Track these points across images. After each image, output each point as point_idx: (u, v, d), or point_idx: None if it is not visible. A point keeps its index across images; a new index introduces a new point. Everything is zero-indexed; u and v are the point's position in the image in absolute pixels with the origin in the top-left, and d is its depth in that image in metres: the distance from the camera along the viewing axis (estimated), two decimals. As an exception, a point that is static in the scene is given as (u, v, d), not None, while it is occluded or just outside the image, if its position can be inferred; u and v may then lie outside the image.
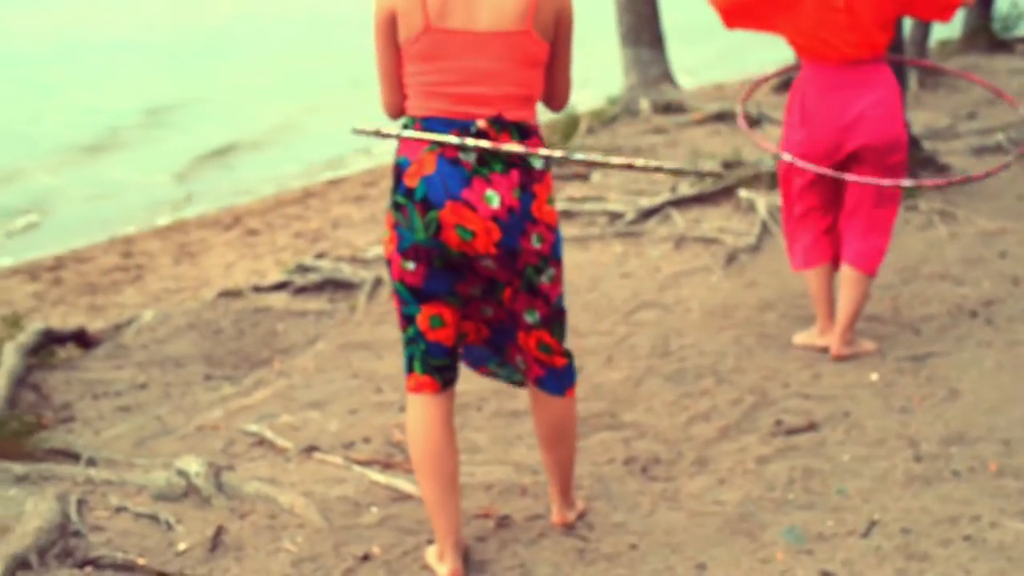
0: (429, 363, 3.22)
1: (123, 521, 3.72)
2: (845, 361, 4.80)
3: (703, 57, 18.71)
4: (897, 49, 6.75)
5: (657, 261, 6.54)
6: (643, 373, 4.86)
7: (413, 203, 3.05)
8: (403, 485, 3.90)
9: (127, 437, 4.77)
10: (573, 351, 3.76)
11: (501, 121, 3.06)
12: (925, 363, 4.73)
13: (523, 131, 3.10)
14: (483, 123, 3.04)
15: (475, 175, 3.02)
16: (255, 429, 4.61)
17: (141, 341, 6.08)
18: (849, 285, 4.80)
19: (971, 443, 3.98)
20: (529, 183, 3.08)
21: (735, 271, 6.20)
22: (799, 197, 4.88)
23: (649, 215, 7.40)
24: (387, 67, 3.15)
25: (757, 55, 16.13)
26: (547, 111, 3.38)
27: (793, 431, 4.19)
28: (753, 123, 10.38)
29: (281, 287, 6.88)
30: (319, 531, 3.60)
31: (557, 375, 3.32)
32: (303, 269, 7.13)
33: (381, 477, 3.99)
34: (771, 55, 12.61)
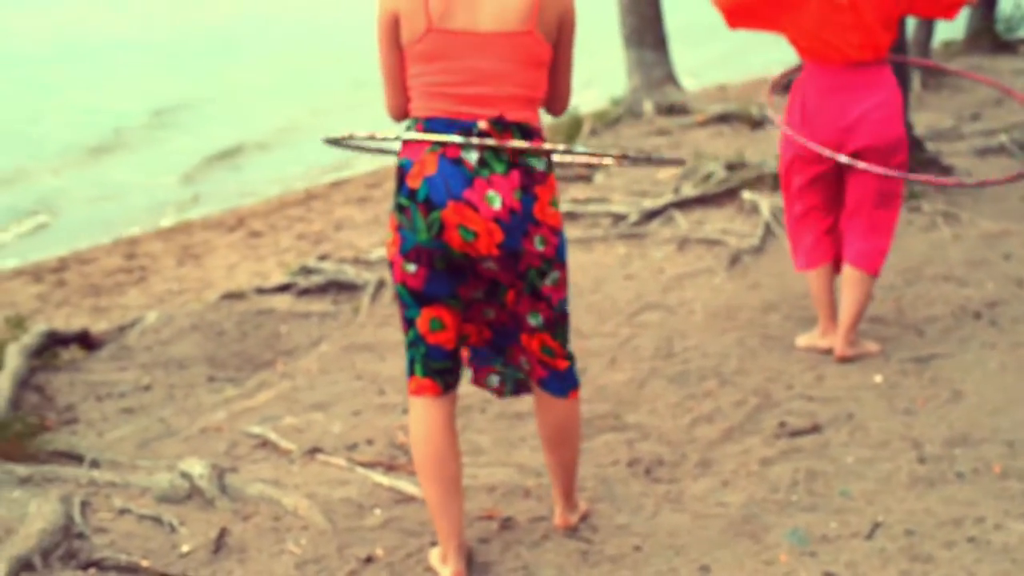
0: (430, 366, 3.22)
1: (127, 523, 3.72)
2: (849, 363, 4.80)
3: (707, 59, 18.72)
4: (900, 50, 6.75)
5: (660, 263, 6.53)
6: (647, 375, 4.86)
7: (416, 204, 3.05)
8: (406, 487, 3.90)
9: (131, 439, 4.77)
10: (576, 353, 3.77)
11: (503, 122, 3.05)
12: (929, 365, 4.72)
13: (525, 132, 3.09)
14: (485, 124, 3.04)
15: (476, 176, 3.02)
16: (258, 431, 4.61)
17: (145, 343, 6.08)
18: (851, 286, 4.79)
19: (975, 445, 3.98)
20: (530, 184, 3.08)
21: (738, 273, 6.19)
22: (799, 196, 4.87)
23: (652, 216, 7.40)
24: (390, 69, 3.15)
25: (761, 57, 16.14)
26: (547, 115, 3.38)
27: (797, 433, 4.19)
28: (756, 125, 10.39)
29: (284, 289, 6.88)
30: (323, 533, 3.60)
31: (560, 377, 3.32)
32: (306, 271, 7.14)
33: (384, 479, 3.99)
34: (775, 56, 12.62)
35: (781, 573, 3.25)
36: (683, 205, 7.54)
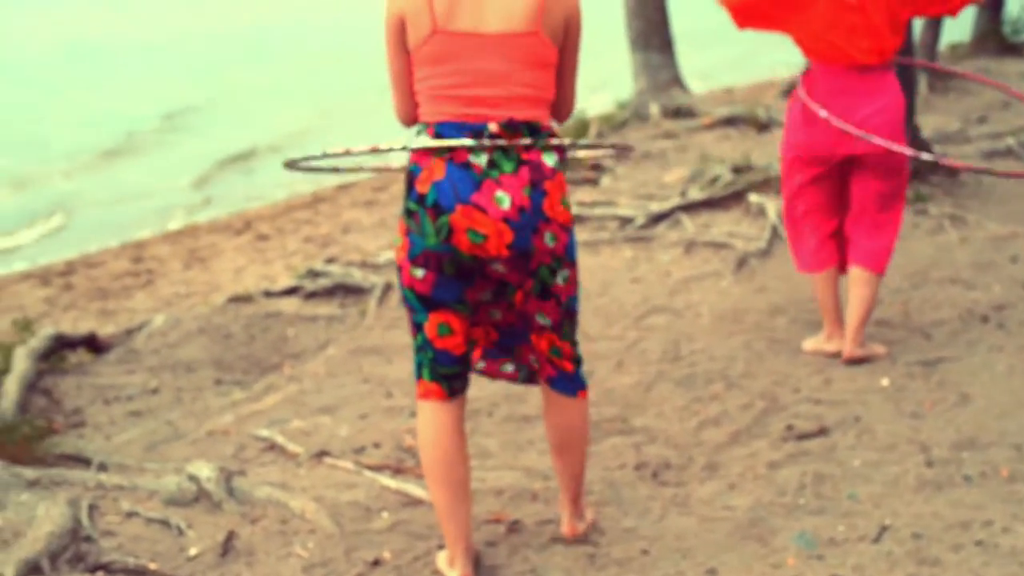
0: (437, 371, 3.22)
1: (134, 526, 3.73)
2: (856, 365, 4.79)
3: (715, 61, 18.73)
4: (907, 52, 6.74)
5: (667, 266, 6.53)
6: (654, 378, 4.86)
7: (424, 209, 3.05)
8: (414, 490, 3.90)
9: (138, 442, 4.78)
10: (583, 355, 3.76)
11: (513, 123, 3.06)
12: (936, 368, 4.71)
13: (535, 132, 3.09)
14: (495, 126, 3.04)
15: (485, 178, 3.02)
16: (266, 434, 4.62)
17: (152, 346, 6.09)
18: (859, 286, 4.79)
19: (983, 448, 3.97)
20: (540, 181, 3.08)
21: (745, 276, 6.19)
22: (800, 194, 4.87)
23: (659, 220, 7.40)
24: (398, 73, 3.15)
25: (770, 58, 16.13)
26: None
27: (804, 436, 4.19)
28: (762, 128, 10.39)
29: (291, 292, 6.90)
30: (330, 536, 3.60)
31: (568, 377, 3.32)
32: (313, 274, 7.15)
33: (392, 482, 3.99)
34: (783, 58, 12.61)
35: (788, 576, 3.25)
36: (690, 208, 7.54)
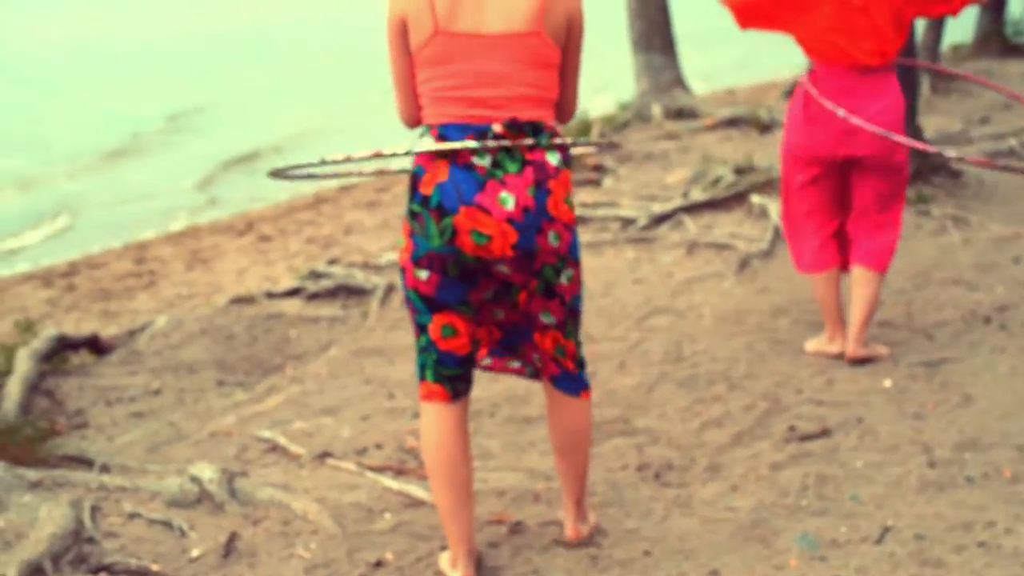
0: (440, 372, 3.22)
1: (136, 527, 3.73)
2: (859, 365, 4.79)
3: (718, 62, 18.73)
4: (909, 53, 6.74)
5: (669, 267, 6.53)
6: (656, 379, 4.86)
7: (428, 211, 3.05)
8: (416, 491, 3.90)
9: (140, 443, 4.78)
10: (586, 357, 3.76)
11: (517, 123, 3.05)
12: (939, 369, 4.71)
13: (539, 132, 3.09)
14: (500, 127, 3.04)
15: (489, 179, 3.02)
16: (268, 435, 4.62)
17: (154, 347, 6.09)
18: (862, 285, 4.80)
19: (985, 449, 3.97)
20: (544, 180, 3.08)
21: (747, 277, 6.19)
22: (800, 194, 4.86)
23: (661, 221, 7.40)
24: (401, 75, 3.15)
25: (772, 59, 16.13)
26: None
27: (806, 437, 4.18)
28: (764, 128, 10.39)
29: (294, 293, 6.90)
30: (332, 537, 3.60)
31: (571, 376, 3.32)
32: (315, 275, 7.15)
33: (394, 483, 3.99)
34: (786, 59, 12.61)
35: (791, 578, 3.25)
36: (692, 209, 7.54)
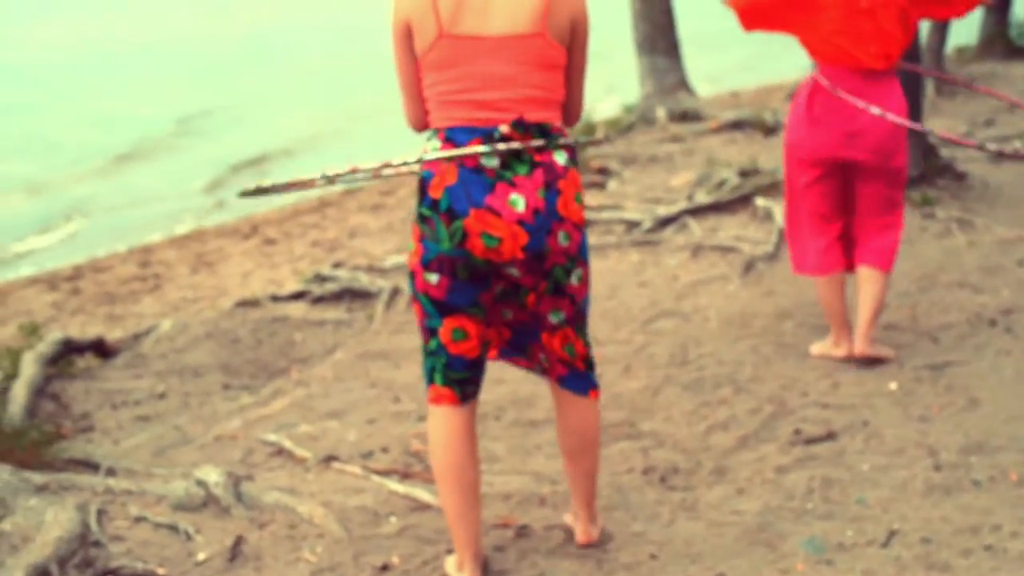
0: (449, 376, 3.22)
1: (143, 531, 3.73)
2: (864, 369, 4.79)
3: (725, 64, 18.72)
4: (914, 56, 6.74)
5: (674, 270, 6.53)
6: (661, 382, 4.86)
7: (438, 214, 3.05)
8: (422, 495, 3.90)
9: (146, 447, 4.79)
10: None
11: (524, 124, 3.05)
12: (944, 372, 4.71)
13: (546, 133, 3.09)
14: (506, 128, 3.04)
15: (498, 180, 3.02)
16: (274, 439, 4.62)
17: (159, 351, 6.10)
18: (869, 283, 4.82)
19: (991, 452, 3.96)
20: (554, 180, 3.08)
21: (752, 280, 6.18)
22: (804, 196, 4.86)
23: (666, 224, 7.40)
24: (407, 79, 3.16)
25: (779, 61, 16.11)
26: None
27: (812, 440, 4.18)
28: (769, 131, 10.38)
29: (299, 296, 6.90)
30: (338, 541, 3.60)
31: (580, 375, 3.32)
32: (321, 278, 7.15)
33: (400, 487, 3.99)
34: (792, 61, 12.60)
35: (797, 581, 3.25)
36: (697, 212, 7.53)
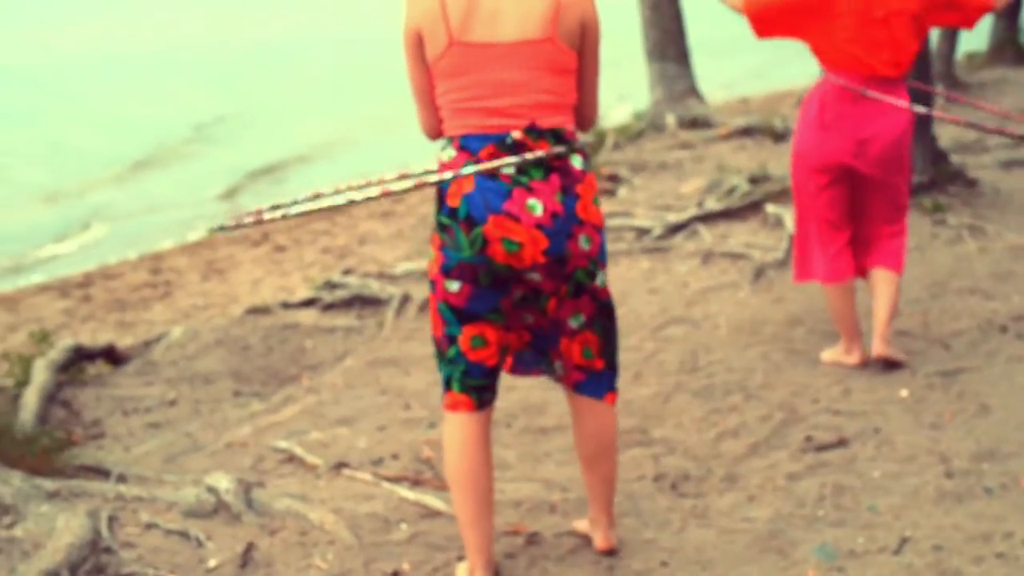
0: (467, 383, 3.21)
1: (154, 537, 3.73)
2: (875, 376, 4.78)
3: (738, 71, 18.71)
4: (924, 63, 6.74)
5: (685, 277, 6.53)
6: (672, 389, 4.86)
7: (457, 222, 3.05)
8: (432, 502, 3.90)
9: (157, 453, 4.80)
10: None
11: (536, 129, 3.06)
12: (955, 379, 4.70)
13: (559, 138, 3.10)
14: (518, 134, 3.04)
15: (515, 186, 3.02)
16: (284, 445, 4.62)
17: (170, 358, 6.11)
18: (884, 284, 4.83)
19: (1003, 459, 3.95)
20: (571, 185, 3.08)
21: (763, 287, 6.18)
22: (814, 202, 4.84)
23: (676, 230, 7.39)
24: (420, 86, 3.16)
25: (791, 68, 16.10)
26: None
27: (823, 447, 4.18)
28: (778, 138, 10.37)
29: (309, 303, 6.91)
30: (349, 548, 3.60)
31: (596, 378, 3.30)
32: (331, 285, 7.16)
33: (410, 494, 3.99)
34: (804, 68, 12.58)
35: (809, 589, 3.25)
36: (707, 219, 7.53)
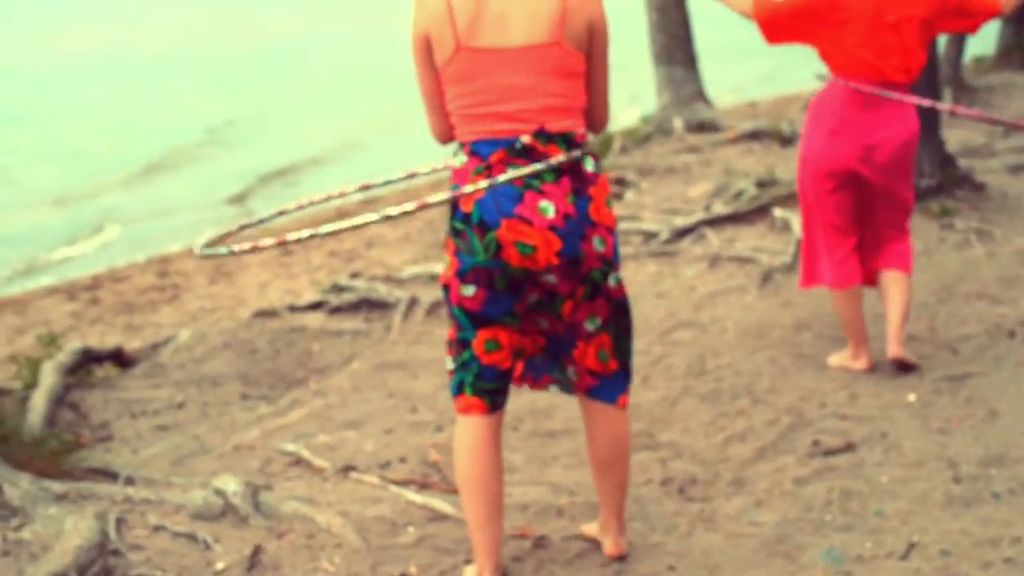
0: (479, 386, 3.22)
1: (161, 540, 3.74)
2: (882, 381, 4.77)
3: (748, 75, 18.70)
4: (932, 66, 6.74)
5: (692, 281, 6.53)
6: (679, 393, 4.86)
7: (471, 227, 3.06)
8: (439, 505, 3.90)
9: (165, 456, 4.80)
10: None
11: (546, 133, 3.06)
12: (963, 383, 4.69)
13: (569, 141, 3.10)
14: (528, 138, 3.04)
15: (527, 190, 3.03)
16: (292, 448, 4.63)
17: (178, 360, 6.12)
18: (895, 286, 4.84)
19: (1011, 464, 3.95)
20: (583, 187, 3.09)
21: (770, 291, 6.17)
22: (821, 207, 4.84)
23: (683, 234, 7.39)
24: (429, 91, 3.17)
25: (798, 73, 16.08)
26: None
27: (830, 452, 4.17)
28: (786, 142, 10.36)
29: (316, 307, 6.92)
30: (356, 551, 3.60)
31: (609, 382, 3.29)
32: (338, 289, 7.17)
33: (417, 497, 3.99)
34: (814, 72, 12.56)
35: (816, 593, 3.24)
36: (714, 223, 7.53)
